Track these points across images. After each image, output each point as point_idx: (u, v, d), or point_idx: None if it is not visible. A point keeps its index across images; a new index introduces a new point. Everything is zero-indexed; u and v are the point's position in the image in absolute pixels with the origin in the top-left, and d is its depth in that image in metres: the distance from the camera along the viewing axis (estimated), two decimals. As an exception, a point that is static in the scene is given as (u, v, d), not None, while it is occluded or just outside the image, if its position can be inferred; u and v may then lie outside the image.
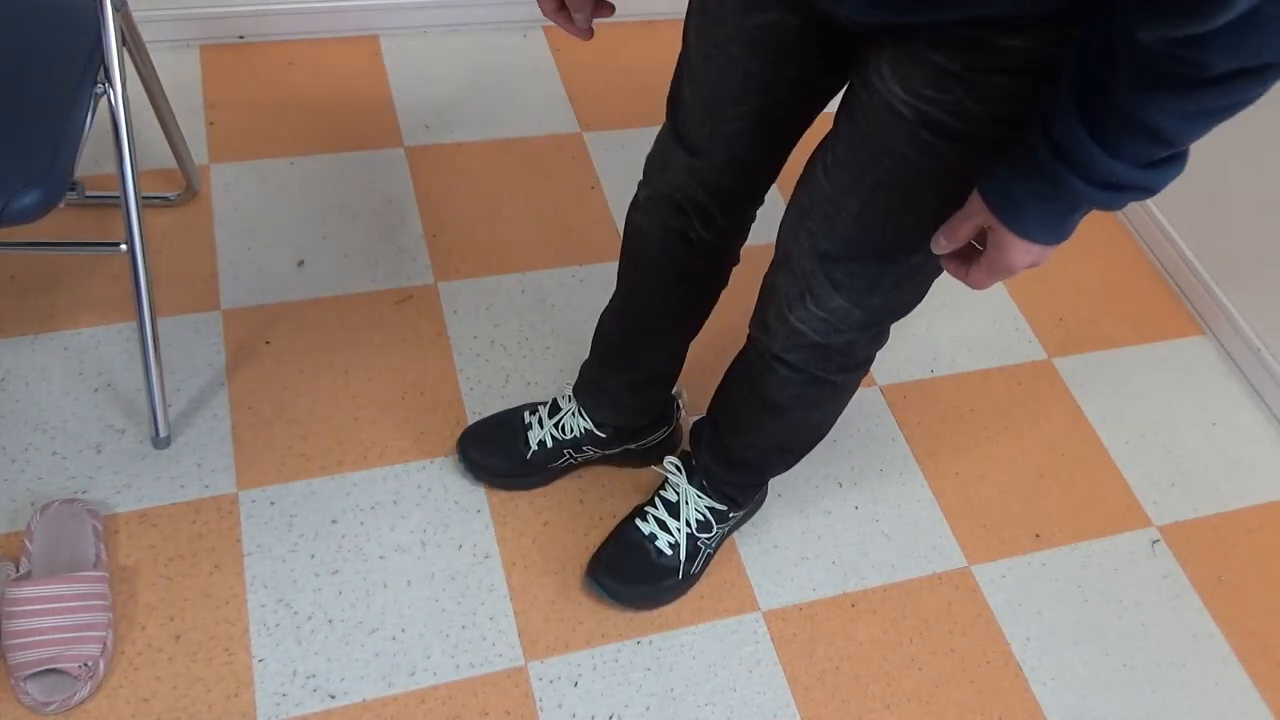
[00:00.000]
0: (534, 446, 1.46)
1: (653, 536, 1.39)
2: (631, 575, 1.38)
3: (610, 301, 1.36)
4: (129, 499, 1.40)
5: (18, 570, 1.28)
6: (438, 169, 1.87)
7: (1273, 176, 1.72)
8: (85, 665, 1.22)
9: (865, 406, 1.67)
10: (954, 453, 1.64)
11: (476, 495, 1.48)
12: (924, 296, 1.07)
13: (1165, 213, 1.95)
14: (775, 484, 1.55)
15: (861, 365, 1.15)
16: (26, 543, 1.30)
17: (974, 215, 0.86)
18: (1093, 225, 2.02)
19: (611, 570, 1.38)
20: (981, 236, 0.89)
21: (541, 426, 1.46)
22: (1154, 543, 1.59)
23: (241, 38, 2.00)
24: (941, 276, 1.05)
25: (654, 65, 2.07)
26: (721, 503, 1.39)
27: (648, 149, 1.19)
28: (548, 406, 1.48)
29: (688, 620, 1.41)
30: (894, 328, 1.71)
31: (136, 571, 1.34)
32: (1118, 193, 0.76)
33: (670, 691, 1.34)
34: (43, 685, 1.21)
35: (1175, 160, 0.75)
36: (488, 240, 1.78)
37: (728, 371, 1.29)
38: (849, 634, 1.43)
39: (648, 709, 1.33)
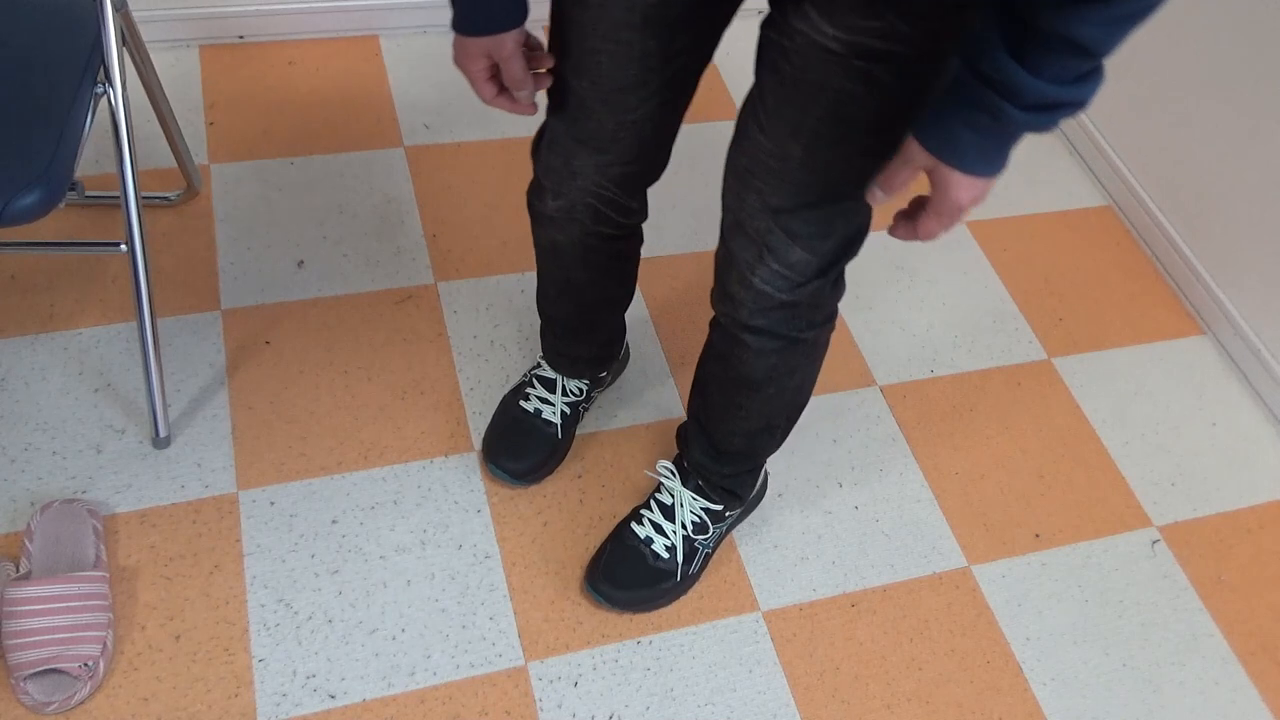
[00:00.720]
0: (558, 422, 1.48)
1: (649, 540, 1.38)
2: (629, 580, 1.38)
3: (543, 291, 1.38)
4: (129, 499, 1.40)
5: (18, 570, 1.28)
6: (438, 169, 1.87)
7: (1273, 176, 1.72)
8: (85, 665, 1.22)
9: (865, 406, 1.68)
10: (954, 453, 1.64)
11: (476, 495, 1.48)
12: (867, 232, 1.08)
13: (1165, 212, 1.95)
14: (775, 484, 1.55)
15: (829, 319, 1.16)
16: (26, 543, 1.30)
17: (911, 160, 0.87)
18: (1093, 225, 2.02)
19: (609, 576, 1.38)
20: (918, 206, 0.92)
21: (551, 404, 1.48)
22: (1154, 543, 1.59)
23: (241, 38, 2.00)
24: (936, 277, 1.05)
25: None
26: (719, 501, 1.39)
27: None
28: (540, 385, 1.49)
29: (688, 620, 1.41)
30: (894, 330, 1.72)
31: (136, 571, 1.34)
32: (1050, 112, 0.79)
33: (670, 691, 1.34)
34: (43, 685, 1.21)
35: (1098, 72, 0.77)
36: (488, 240, 1.78)
37: (699, 367, 1.29)
38: (849, 634, 1.43)
39: (648, 709, 1.33)
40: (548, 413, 1.48)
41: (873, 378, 1.71)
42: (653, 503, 1.41)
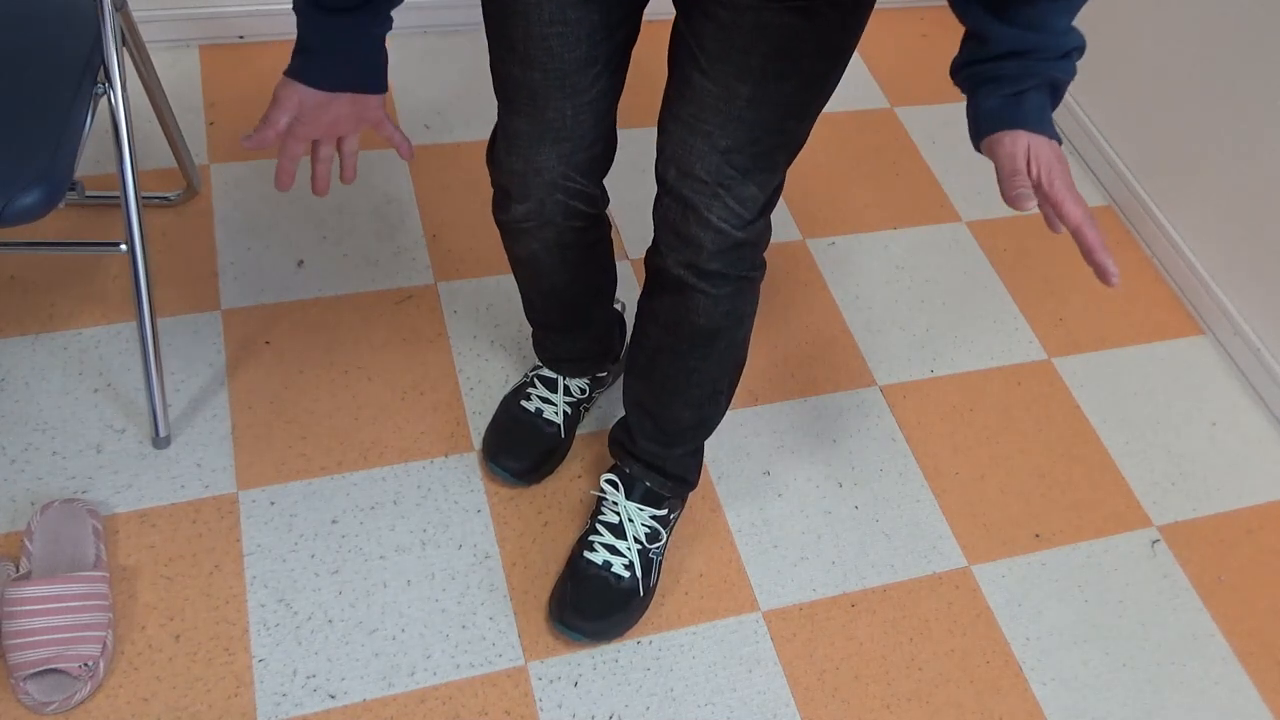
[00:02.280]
0: (560, 422, 1.48)
1: (607, 565, 1.36)
2: (600, 610, 1.35)
3: (528, 301, 1.39)
4: (129, 499, 1.40)
5: (18, 570, 1.28)
6: (438, 169, 1.87)
7: (1273, 176, 1.72)
8: (85, 665, 1.22)
9: (865, 406, 1.68)
10: (954, 453, 1.64)
11: (476, 495, 1.48)
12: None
13: (1165, 213, 1.95)
14: (775, 484, 1.55)
15: (764, 262, 1.19)
16: (26, 543, 1.30)
17: (1016, 154, 0.89)
18: (1093, 225, 2.02)
19: (580, 611, 1.34)
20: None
21: (553, 403, 1.48)
22: (1154, 543, 1.59)
23: (241, 38, 2.00)
24: (936, 277, 1.06)
25: (652, 64, 2.07)
26: (666, 504, 1.39)
27: (650, 147, 1.19)
28: (542, 385, 1.49)
29: (688, 620, 1.41)
30: (894, 330, 1.72)
31: (136, 571, 1.34)
32: (1071, 57, 0.88)
33: (670, 691, 1.34)
34: (43, 685, 1.21)
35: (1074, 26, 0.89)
36: (488, 240, 1.78)
37: (636, 351, 1.29)
38: (849, 634, 1.43)
39: (648, 709, 1.33)
40: (549, 412, 1.48)
41: (873, 378, 1.72)
42: (599, 526, 1.38)
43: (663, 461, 1.37)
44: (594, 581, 1.35)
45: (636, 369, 1.31)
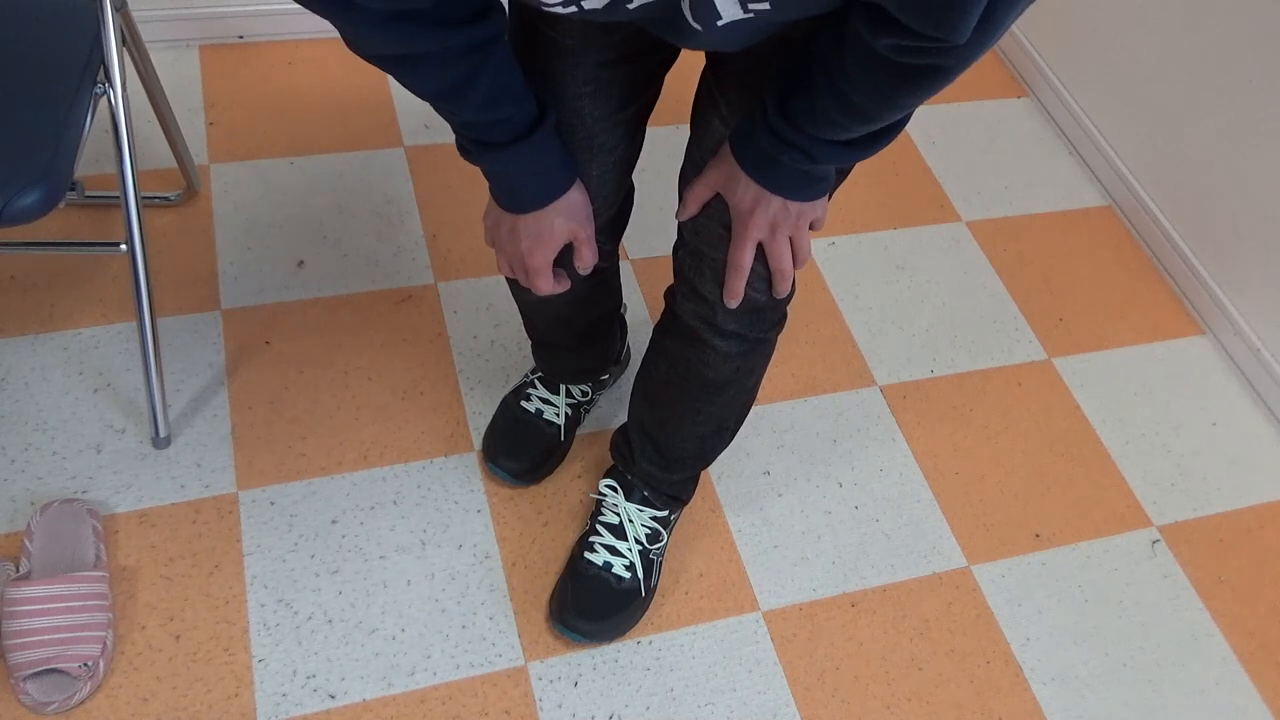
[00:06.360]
0: (560, 423, 1.48)
1: (608, 565, 1.36)
2: (600, 611, 1.35)
3: (529, 323, 1.38)
4: (129, 499, 1.40)
5: (18, 570, 1.28)
6: (438, 169, 1.87)
7: (1273, 176, 1.72)
8: (85, 665, 1.22)
9: (865, 406, 1.68)
10: (954, 453, 1.64)
11: (476, 495, 1.48)
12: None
13: (1165, 213, 1.95)
14: (775, 484, 1.55)
15: (785, 319, 1.17)
16: (26, 543, 1.30)
17: (736, 182, 0.94)
18: (1093, 225, 2.02)
19: (580, 611, 1.34)
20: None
21: (554, 405, 1.48)
22: (1154, 543, 1.59)
23: (241, 38, 2.00)
24: (936, 277, 1.05)
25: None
26: (664, 507, 1.39)
27: (650, 147, 1.18)
28: (542, 385, 1.49)
29: (688, 620, 1.41)
30: (894, 330, 1.71)
31: (136, 571, 1.34)
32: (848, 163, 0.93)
33: (670, 691, 1.34)
34: (43, 685, 1.21)
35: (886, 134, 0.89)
36: (488, 240, 1.78)
37: (645, 377, 1.28)
38: (849, 634, 1.43)
39: (648, 709, 1.33)
40: (549, 413, 1.48)
41: (873, 378, 1.72)
42: (599, 527, 1.39)
43: (659, 483, 1.37)
44: (594, 582, 1.35)
45: (643, 393, 1.31)
